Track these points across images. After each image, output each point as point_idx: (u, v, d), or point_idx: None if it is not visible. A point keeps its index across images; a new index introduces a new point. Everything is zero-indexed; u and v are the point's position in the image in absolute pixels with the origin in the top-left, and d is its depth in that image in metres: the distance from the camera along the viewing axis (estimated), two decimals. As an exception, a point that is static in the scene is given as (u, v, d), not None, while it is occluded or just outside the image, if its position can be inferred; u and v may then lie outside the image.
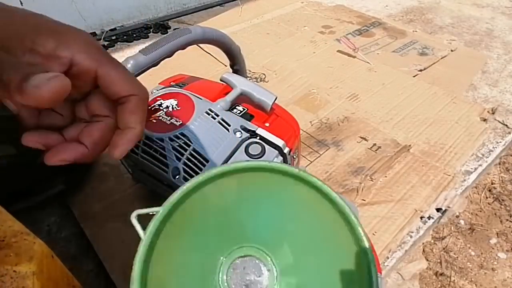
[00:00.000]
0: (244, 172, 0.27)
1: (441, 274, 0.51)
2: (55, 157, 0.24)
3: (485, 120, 0.72)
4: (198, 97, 0.46)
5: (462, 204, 0.60)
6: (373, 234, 0.51)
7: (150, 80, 0.76)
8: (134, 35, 1.07)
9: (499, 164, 0.67)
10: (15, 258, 0.29)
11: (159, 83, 0.52)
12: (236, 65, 0.57)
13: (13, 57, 0.20)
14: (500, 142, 0.67)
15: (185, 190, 0.25)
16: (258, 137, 0.45)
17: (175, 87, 0.49)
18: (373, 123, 0.70)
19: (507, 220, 0.58)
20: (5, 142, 0.49)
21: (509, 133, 0.69)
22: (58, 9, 0.99)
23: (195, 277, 0.27)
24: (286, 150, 0.45)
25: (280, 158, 0.45)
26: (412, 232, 0.53)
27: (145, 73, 0.44)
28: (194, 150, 0.41)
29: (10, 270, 0.28)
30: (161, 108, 0.44)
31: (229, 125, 0.44)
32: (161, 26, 1.10)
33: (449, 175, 0.60)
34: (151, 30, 1.10)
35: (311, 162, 0.63)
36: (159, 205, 0.27)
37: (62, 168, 0.56)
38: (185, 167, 0.41)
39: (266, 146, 0.44)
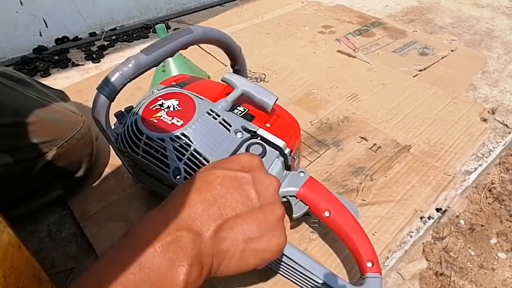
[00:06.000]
0: None
1: (441, 274, 0.51)
2: None
3: (485, 120, 0.72)
4: (199, 97, 0.46)
5: (462, 204, 0.60)
6: (373, 234, 0.52)
7: (151, 80, 0.76)
8: (134, 35, 1.07)
9: (499, 164, 0.67)
10: None
11: (160, 83, 0.52)
12: (237, 65, 0.57)
13: None
14: (500, 142, 0.67)
15: None
16: (259, 138, 0.45)
17: (176, 87, 0.49)
18: (373, 123, 0.70)
19: (507, 220, 0.58)
20: (1, 151, 0.48)
21: (509, 133, 0.69)
22: (58, 9, 0.99)
23: None
24: (287, 151, 0.45)
25: (281, 159, 0.45)
26: (412, 232, 0.53)
27: (146, 73, 0.44)
28: (195, 150, 0.41)
29: None
30: (162, 108, 0.44)
31: (230, 126, 0.44)
32: (161, 26, 1.10)
33: (449, 175, 0.60)
34: (151, 30, 1.10)
35: (311, 162, 0.63)
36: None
37: (60, 174, 0.56)
38: (186, 167, 0.41)
39: (267, 147, 0.44)
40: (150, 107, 0.45)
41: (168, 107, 0.44)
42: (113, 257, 0.25)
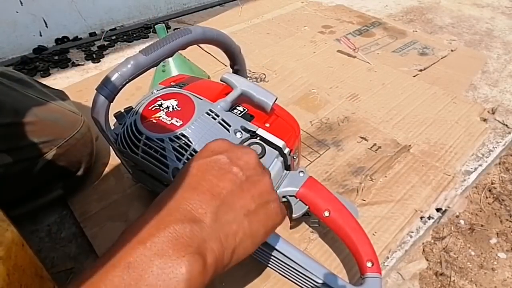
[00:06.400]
0: None
1: (441, 274, 0.51)
2: None
3: (485, 120, 0.72)
4: (198, 98, 0.46)
5: (462, 204, 0.60)
6: (373, 234, 0.51)
7: (150, 80, 0.76)
8: (134, 35, 1.07)
9: (499, 164, 0.67)
10: None
11: (159, 83, 0.52)
12: (236, 65, 0.57)
13: None
14: (500, 142, 0.67)
15: None
16: (258, 138, 0.45)
17: (175, 87, 0.49)
18: (373, 123, 0.70)
19: (507, 220, 0.58)
20: (0, 151, 0.48)
21: (509, 133, 0.69)
22: (58, 9, 0.99)
23: None
24: (286, 151, 0.45)
25: (281, 158, 0.45)
26: (412, 232, 0.53)
27: (146, 73, 0.44)
28: (194, 150, 0.41)
29: None
30: (161, 108, 0.44)
31: (230, 126, 0.44)
32: (161, 26, 1.10)
33: (449, 175, 0.60)
34: (151, 30, 1.10)
35: (311, 162, 0.63)
36: None
37: (60, 174, 0.56)
38: (185, 167, 0.41)
39: (267, 147, 0.44)
40: (149, 108, 0.45)
41: (167, 107, 0.44)
42: (98, 264, 0.23)
